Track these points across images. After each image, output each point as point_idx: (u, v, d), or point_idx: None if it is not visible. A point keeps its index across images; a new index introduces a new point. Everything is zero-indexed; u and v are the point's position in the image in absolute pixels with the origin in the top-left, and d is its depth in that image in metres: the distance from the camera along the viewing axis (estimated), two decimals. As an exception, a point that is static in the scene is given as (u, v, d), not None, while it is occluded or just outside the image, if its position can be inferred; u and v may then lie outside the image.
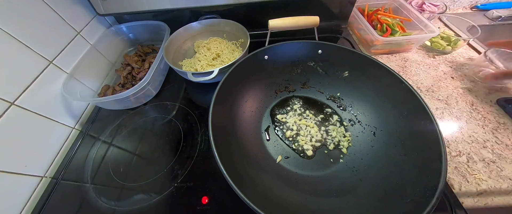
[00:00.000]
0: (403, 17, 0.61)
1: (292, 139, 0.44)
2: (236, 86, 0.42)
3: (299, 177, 0.39)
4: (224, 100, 0.38)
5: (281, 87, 0.51)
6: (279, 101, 0.50)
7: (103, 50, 0.59)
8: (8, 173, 0.37)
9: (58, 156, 0.47)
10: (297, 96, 0.50)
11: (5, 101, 0.38)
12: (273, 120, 0.47)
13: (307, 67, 0.49)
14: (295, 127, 0.45)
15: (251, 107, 0.47)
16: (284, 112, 0.48)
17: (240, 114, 0.44)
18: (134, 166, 0.44)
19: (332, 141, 0.43)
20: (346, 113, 0.47)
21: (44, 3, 0.46)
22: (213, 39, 0.62)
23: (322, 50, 0.45)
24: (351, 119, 0.46)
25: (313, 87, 0.51)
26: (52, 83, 0.47)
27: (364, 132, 0.43)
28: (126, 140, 0.48)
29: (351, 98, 0.47)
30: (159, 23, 0.62)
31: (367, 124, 0.44)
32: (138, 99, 0.52)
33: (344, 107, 0.48)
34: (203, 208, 0.36)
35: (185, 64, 0.58)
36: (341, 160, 0.41)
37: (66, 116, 0.49)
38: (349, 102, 0.47)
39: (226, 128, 0.38)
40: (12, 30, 0.39)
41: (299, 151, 0.42)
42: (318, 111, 0.48)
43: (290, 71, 0.49)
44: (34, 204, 0.40)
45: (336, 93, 0.49)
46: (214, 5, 0.58)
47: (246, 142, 0.41)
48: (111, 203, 0.39)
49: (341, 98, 0.48)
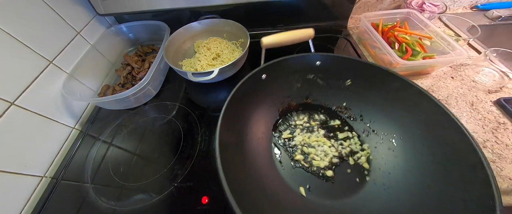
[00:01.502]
0: (420, 33, 0.56)
1: (305, 160, 0.41)
2: (238, 113, 0.38)
3: (330, 208, 0.35)
4: (229, 131, 0.35)
5: (284, 105, 0.48)
6: (284, 121, 0.47)
7: (103, 50, 0.59)
8: (8, 173, 0.37)
9: (58, 156, 0.47)
10: (301, 111, 0.48)
11: (5, 101, 0.38)
12: (284, 143, 0.44)
13: (307, 81, 0.46)
14: (306, 147, 0.42)
15: (257, 132, 0.43)
16: (290, 132, 0.45)
17: (247, 142, 0.40)
18: (134, 166, 0.44)
19: (350, 155, 0.40)
20: (358, 123, 0.44)
21: (44, 3, 0.46)
22: (213, 39, 0.62)
23: (320, 62, 0.43)
24: (365, 129, 0.43)
25: (316, 100, 0.48)
26: (52, 83, 0.47)
27: (382, 142, 0.40)
28: (126, 140, 0.48)
29: (359, 107, 0.45)
30: (159, 23, 0.62)
31: (383, 132, 0.41)
32: (138, 99, 0.52)
33: (354, 117, 0.45)
34: (203, 208, 0.36)
35: (185, 64, 0.58)
36: (367, 177, 0.38)
37: (66, 116, 0.49)
38: (357, 111, 0.45)
39: (236, 163, 0.33)
40: (12, 30, 0.39)
41: (317, 173, 0.39)
42: (326, 124, 0.46)
43: (290, 87, 0.47)
44: (34, 204, 0.40)
45: (342, 103, 0.46)
46: (214, 5, 0.58)
47: (260, 175, 0.37)
48: (111, 203, 0.39)
49: (348, 108, 0.46)
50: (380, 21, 0.61)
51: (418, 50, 0.52)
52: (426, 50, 0.54)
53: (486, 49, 0.52)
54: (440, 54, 0.51)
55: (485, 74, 0.52)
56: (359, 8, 0.74)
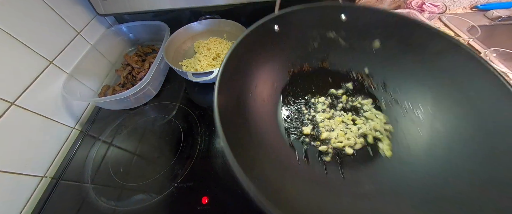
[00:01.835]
0: None
1: (313, 135, 0.37)
2: (241, 67, 0.33)
3: (333, 178, 0.32)
4: (230, 87, 0.31)
5: (296, 68, 0.41)
6: (294, 86, 0.41)
7: (103, 50, 0.59)
8: (8, 173, 0.37)
9: (58, 156, 0.47)
10: (314, 75, 0.42)
11: (5, 101, 0.38)
12: (289, 115, 0.39)
13: (326, 40, 0.39)
14: (314, 119, 0.38)
15: (262, 93, 0.38)
16: (300, 103, 0.40)
17: (251, 102, 0.35)
18: (134, 166, 0.44)
19: (366, 130, 0.36)
20: (378, 92, 0.39)
21: (44, 3, 0.46)
22: (213, 39, 0.62)
23: (347, 16, 0.35)
24: (386, 99, 0.38)
25: (333, 64, 0.41)
26: (52, 83, 0.47)
27: (404, 115, 0.35)
28: (126, 140, 0.48)
29: (384, 74, 0.39)
30: (159, 23, 0.62)
31: (409, 103, 0.36)
32: (138, 99, 0.52)
33: (375, 86, 0.39)
34: (203, 208, 0.36)
35: (185, 64, 0.58)
36: (380, 150, 0.34)
37: (66, 116, 0.49)
38: (380, 79, 0.39)
39: (236, 122, 0.30)
40: (12, 30, 0.39)
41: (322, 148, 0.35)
42: (339, 94, 0.40)
43: (305, 45, 0.40)
44: (34, 204, 0.40)
45: (363, 69, 0.40)
46: (214, 5, 0.58)
47: (263, 139, 0.33)
48: (111, 203, 0.39)
49: (370, 75, 0.40)
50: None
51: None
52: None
53: (486, 50, 0.52)
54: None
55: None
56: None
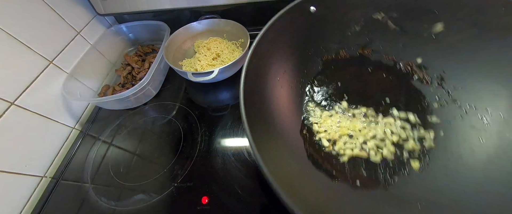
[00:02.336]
0: None
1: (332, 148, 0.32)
2: (271, 49, 0.30)
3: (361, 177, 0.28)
4: (256, 75, 0.27)
5: (330, 54, 0.36)
6: (326, 75, 0.35)
7: (103, 50, 0.59)
8: (8, 173, 0.37)
9: (58, 156, 0.47)
10: (348, 65, 0.36)
11: (5, 101, 0.38)
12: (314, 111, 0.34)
13: (371, 22, 0.33)
14: (337, 132, 0.32)
15: (292, 79, 0.34)
16: (326, 99, 0.34)
17: (277, 87, 0.31)
18: (134, 166, 0.44)
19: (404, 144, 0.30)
20: (432, 88, 0.32)
21: (44, 3, 0.46)
22: (213, 39, 0.62)
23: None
24: (441, 97, 0.31)
25: (377, 51, 0.35)
26: (52, 83, 0.47)
27: (464, 118, 0.29)
28: (126, 140, 0.48)
29: (443, 66, 0.31)
30: (159, 23, 0.62)
31: (473, 104, 0.29)
32: (138, 99, 0.52)
33: (429, 80, 0.32)
34: (203, 208, 0.36)
35: (185, 64, 0.58)
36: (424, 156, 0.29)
37: (66, 116, 0.49)
38: (438, 72, 0.32)
39: (259, 109, 0.27)
40: (12, 30, 0.39)
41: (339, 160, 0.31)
42: (373, 89, 0.34)
43: (344, 29, 0.34)
44: (34, 204, 0.40)
45: (415, 59, 0.33)
46: (214, 5, 0.58)
47: (285, 131, 0.30)
48: (111, 203, 0.39)
49: (424, 66, 0.33)
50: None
51: None
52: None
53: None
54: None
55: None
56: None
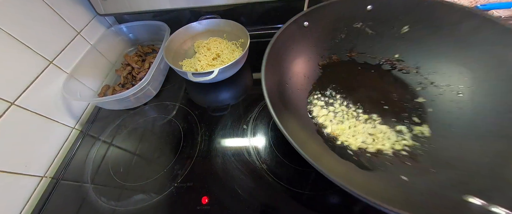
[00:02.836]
0: None
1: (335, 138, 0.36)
2: (279, 61, 0.35)
3: (378, 159, 0.33)
4: (271, 76, 0.32)
5: (325, 60, 0.43)
6: (324, 80, 0.42)
7: (103, 50, 0.59)
8: (8, 173, 0.37)
9: (58, 156, 0.47)
10: (342, 66, 0.42)
11: (5, 101, 0.38)
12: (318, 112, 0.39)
13: (352, 31, 0.41)
14: (341, 125, 0.37)
15: (296, 84, 0.40)
16: (326, 99, 0.40)
17: (287, 92, 0.37)
18: (134, 166, 0.44)
19: None
20: (412, 76, 0.39)
21: (44, 3, 0.46)
22: (213, 39, 0.62)
23: (373, 5, 0.38)
24: (421, 82, 0.38)
25: (362, 53, 0.42)
26: (52, 83, 0.47)
27: (443, 94, 0.36)
28: (126, 140, 0.48)
29: (416, 58, 0.39)
30: (159, 23, 0.62)
31: (446, 84, 0.36)
32: (138, 99, 0.52)
33: (407, 69, 0.40)
34: (203, 208, 0.36)
35: (185, 64, 0.58)
36: (423, 132, 0.35)
37: (66, 116, 0.49)
38: (413, 63, 0.39)
39: (280, 107, 0.32)
40: (12, 30, 0.39)
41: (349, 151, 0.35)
42: (368, 83, 0.40)
43: (332, 38, 0.41)
44: (34, 204, 0.40)
45: (392, 55, 0.41)
46: (214, 5, 0.58)
47: (300, 126, 0.35)
48: (111, 203, 0.39)
49: (401, 60, 0.40)
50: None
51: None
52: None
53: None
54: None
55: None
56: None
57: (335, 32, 0.41)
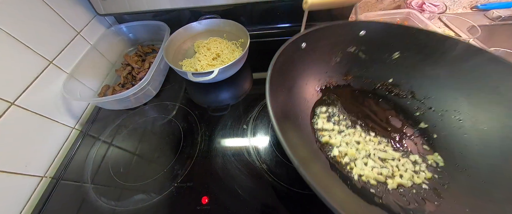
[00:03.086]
0: None
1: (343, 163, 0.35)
2: (279, 83, 0.34)
3: (402, 198, 0.31)
4: (276, 97, 0.32)
5: (322, 83, 0.43)
6: (324, 102, 0.42)
7: (103, 50, 0.59)
8: (8, 173, 0.37)
9: (58, 156, 0.47)
10: (340, 90, 0.43)
11: (5, 101, 0.38)
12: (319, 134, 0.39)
13: (347, 55, 0.41)
14: (352, 147, 0.36)
15: (297, 110, 0.39)
16: (327, 120, 0.39)
17: (290, 119, 0.36)
18: (134, 166, 0.44)
19: None
20: (408, 101, 0.40)
21: (44, 3, 0.46)
22: (213, 39, 0.62)
23: (366, 31, 0.38)
24: (418, 107, 0.39)
25: (357, 77, 0.43)
26: (52, 83, 0.47)
27: (442, 120, 0.36)
28: (126, 140, 0.48)
29: (410, 83, 0.40)
30: (159, 23, 0.62)
31: (443, 109, 0.37)
32: (138, 99, 0.52)
33: (403, 94, 0.40)
34: (203, 208, 0.36)
35: (185, 64, 0.58)
36: (437, 161, 0.34)
37: (66, 116, 0.49)
38: (407, 88, 0.40)
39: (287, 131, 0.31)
40: (12, 30, 0.39)
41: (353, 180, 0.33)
42: (368, 108, 0.40)
43: (327, 61, 0.42)
44: (34, 204, 0.40)
45: (387, 80, 0.42)
46: (214, 5, 0.58)
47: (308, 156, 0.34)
48: (111, 203, 0.39)
49: (396, 85, 0.41)
50: (380, 20, 0.61)
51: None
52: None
53: (486, 49, 0.52)
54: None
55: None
56: (359, 8, 0.74)
57: (330, 55, 0.42)
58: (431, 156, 0.34)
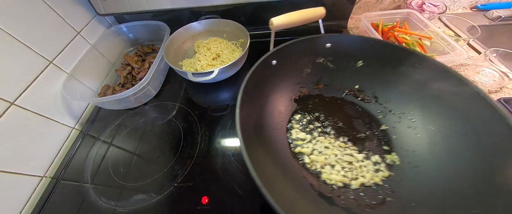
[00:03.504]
0: (420, 33, 0.56)
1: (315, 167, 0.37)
2: (252, 103, 0.37)
3: (362, 196, 0.34)
4: (247, 119, 0.34)
5: (296, 93, 0.47)
6: (299, 112, 0.45)
7: (103, 50, 0.59)
8: (8, 173, 0.37)
9: (58, 156, 0.47)
10: (312, 100, 0.46)
11: (5, 101, 0.38)
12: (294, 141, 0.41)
13: (317, 65, 0.45)
14: (322, 155, 0.39)
15: (272, 123, 0.42)
16: (302, 130, 0.42)
17: (266, 134, 0.39)
18: (134, 166, 0.44)
19: None
20: (373, 105, 0.43)
21: (44, 3, 0.46)
22: (213, 39, 0.62)
23: (331, 43, 0.42)
24: (380, 110, 0.42)
25: (327, 85, 0.47)
26: (52, 83, 0.47)
27: (400, 122, 0.40)
28: (126, 140, 0.48)
29: (373, 88, 0.44)
30: (159, 23, 0.62)
31: (400, 111, 0.40)
32: (138, 99, 0.52)
33: (367, 98, 0.44)
34: (203, 208, 0.36)
35: (185, 64, 0.58)
36: (389, 159, 0.37)
37: (66, 116, 0.49)
38: (371, 93, 0.44)
39: (257, 149, 0.33)
40: (12, 30, 0.39)
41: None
42: (338, 114, 0.44)
43: (300, 73, 0.46)
44: (34, 204, 0.40)
45: (353, 86, 0.45)
46: (214, 5, 0.58)
47: (282, 167, 0.36)
48: (111, 203, 0.39)
49: (361, 90, 0.45)
50: (380, 21, 0.61)
51: (418, 50, 0.52)
52: (426, 51, 0.54)
53: (486, 50, 0.52)
54: (440, 54, 0.52)
55: (485, 75, 0.52)
56: (359, 8, 0.74)
57: (301, 67, 0.45)
58: (390, 156, 0.37)
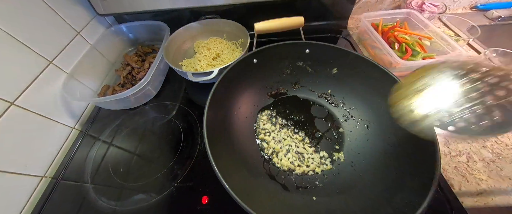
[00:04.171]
0: (420, 33, 0.56)
1: (276, 155, 0.42)
2: (227, 93, 0.42)
3: (301, 179, 0.39)
4: (218, 107, 0.38)
5: (273, 90, 0.51)
6: (271, 106, 0.50)
7: (103, 50, 0.59)
8: (8, 173, 0.37)
9: (58, 156, 0.47)
10: (287, 97, 0.51)
11: (5, 101, 0.38)
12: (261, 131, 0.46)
13: (296, 68, 0.49)
14: (279, 144, 0.44)
15: (245, 112, 0.47)
16: (270, 123, 0.47)
17: (235, 120, 0.44)
18: (134, 166, 0.44)
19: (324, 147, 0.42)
20: (339, 109, 0.48)
21: (44, 3, 0.46)
22: (213, 39, 0.62)
23: (309, 50, 0.46)
24: (344, 115, 0.47)
25: (304, 86, 0.51)
26: (52, 83, 0.47)
27: (357, 127, 0.44)
28: (126, 140, 0.48)
29: (342, 94, 0.48)
30: (159, 23, 0.62)
31: (360, 118, 0.45)
32: (138, 99, 0.52)
33: (337, 103, 0.48)
34: (203, 208, 0.36)
35: (185, 64, 0.58)
36: (338, 154, 0.42)
37: (66, 116, 0.49)
38: (340, 98, 0.48)
39: (222, 134, 0.39)
40: (12, 30, 0.39)
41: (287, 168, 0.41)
42: (305, 112, 0.48)
43: (280, 73, 0.50)
44: (34, 204, 0.40)
45: (327, 90, 0.49)
46: (214, 5, 0.58)
47: (243, 149, 0.41)
48: (111, 203, 0.39)
49: (333, 95, 0.49)
50: (380, 21, 0.61)
51: (418, 51, 0.53)
52: (426, 51, 0.54)
53: (485, 49, 0.52)
54: (440, 54, 0.52)
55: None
56: (359, 8, 0.74)
57: (281, 68, 0.49)
58: (337, 154, 0.42)
